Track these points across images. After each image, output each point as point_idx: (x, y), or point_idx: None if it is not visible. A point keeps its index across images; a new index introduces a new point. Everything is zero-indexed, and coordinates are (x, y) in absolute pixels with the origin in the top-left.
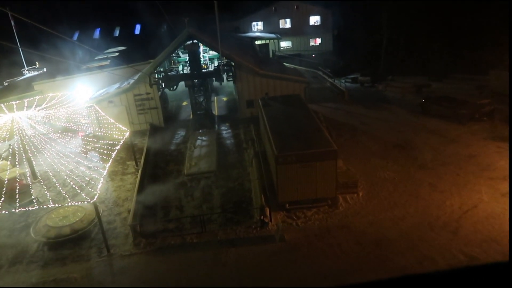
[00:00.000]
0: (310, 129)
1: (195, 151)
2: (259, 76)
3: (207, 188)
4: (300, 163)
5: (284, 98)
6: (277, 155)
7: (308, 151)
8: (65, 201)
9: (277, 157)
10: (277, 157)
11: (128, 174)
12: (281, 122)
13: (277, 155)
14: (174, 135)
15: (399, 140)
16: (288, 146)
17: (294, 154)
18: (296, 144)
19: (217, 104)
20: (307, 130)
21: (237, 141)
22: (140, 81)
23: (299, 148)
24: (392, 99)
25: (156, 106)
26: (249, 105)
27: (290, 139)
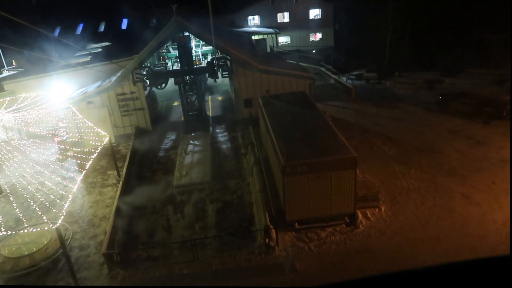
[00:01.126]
0: (321, 132)
1: (186, 158)
2: (258, 72)
3: (200, 202)
4: (312, 174)
5: (288, 96)
6: (284, 165)
7: (321, 159)
8: (21, 226)
9: (284, 167)
10: (284, 167)
11: (109, 186)
12: (287, 124)
13: (284, 165)
14: (163, 140)
15: (419, 142)
16: (297, 153)
17: (305, 163)
18: (307, 150)
19: (212, 104)
20: (318, 134)
21: (234, 146)
22: (122, 79)
23: (311, 156)
24: (403, 96)
25: (142, 107)
26: (248, 105)
27: (298, 145)
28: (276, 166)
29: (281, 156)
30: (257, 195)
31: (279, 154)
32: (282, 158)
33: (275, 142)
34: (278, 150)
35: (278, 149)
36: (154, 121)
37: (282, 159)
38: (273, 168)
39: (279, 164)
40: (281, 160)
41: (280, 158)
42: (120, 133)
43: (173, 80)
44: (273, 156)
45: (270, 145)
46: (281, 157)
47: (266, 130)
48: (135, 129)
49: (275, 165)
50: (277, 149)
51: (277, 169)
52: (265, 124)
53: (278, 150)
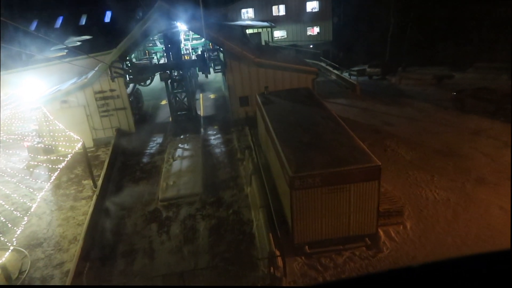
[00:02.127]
0: (334, 135)
1: (173, 165)
2: (255, 66)
3: (189, 219)
4: (327, 187)
5: (290, 93)
6: (293, 177)
7: (338, 170)
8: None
9: (293, 179)
10: (292, 180)
11: (83, 200)
12: (292, 125)
13: (292, 177)
14: (147, 143)
15: (438, 145)
16: (307, 162)
17: (318, 175)
18: (319, 158)
19: (203, 103)
20: (330, 137)
21: (229, 150)
22: (101, 75)
23: (325, 165)
24: (412, 93)
25: (124, 106)
26: (243, 103)
27: (308, 151)
28: (281, 177)
29: (288, 165)
30: (258, 211)
31: (285, 163)
32: (289, 169)
33: (280, 148)
34: (284, 158)
35: (283, 157)
36: (139, 122)
37: (290, 170)
38: (277, 178)
39: (285, 176)
40: (288, 170)
41: (286, 168)
42: (99, 136)
43: (159, 76)
44: (277, 165)
45: (272, 151)
46: (288, 167)
47: (266, 132)
48: (116, 131)
49: (280, 175)
50: (282, 157)
51: (283, 181)
52: (266, 126)
53: (283, 158)
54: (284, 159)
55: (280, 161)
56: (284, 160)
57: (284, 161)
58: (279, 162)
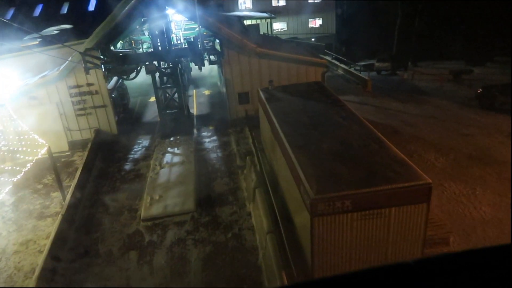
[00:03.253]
0: (362, 140)
1: (161, 174)
2: (257, 57)
3: (178, 245)
4: (360, 212)
5: (299, 89)
6: (315, 199)
7: (376, 189)
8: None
9: (315, 202)
10: (314, 203)
11: (48, 218)
12: (306, 127)
13: (314, 199)
14: (131, 147)
15: (470, 149)
16: (333, 178)
17: (349, 196)
18: (348, 173)
19: (197, 100)
20: (358, 143)
21: (227, 155)
22: (74, 66)
23: (357, 183)
24: (428, 89)
25: (103, 104)
26: (243, 100)
27: (332, 163)
28: (295, 195)
29: (306, 183)
30: (265, 237)
31: (302, 180)
32: (309, 188)
33: (294, 158)
34: (301, 172)
35: (300, 171)
36: (123, 122)
37: (310, 190)
38: (288, 195)
39: (302, 195)
40: (308, 190)
41: (305, 186)
42: (75, 138)
43: (145, 68)
44: (289, 179)
45: (281, 160)
46: (308, 186)
47: (273, 136)
48: (94, 133)
49: (293, 193)
50: (298, 171)
51: (298, 202)
52: (272, 128)
53: (300, 172)
54: (301, 174)
55: (295, 175)
56: (301, 175)
57: (301, 176)
58: (293, 176)
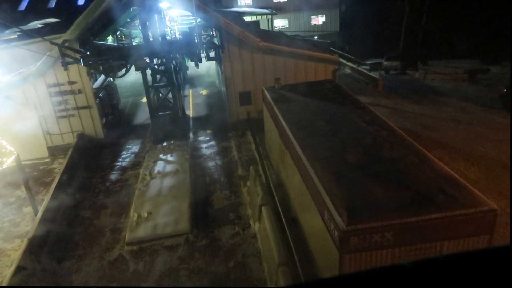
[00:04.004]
0: (396, 151)
1: (151, 186)
2: (260, 53)
3: (169, 277)
4: (405, 247)
5: (310, 88)
6: (345, 232)
7: (426, 218)
8: None
9: (345, 235)
10: (344, 237)
11: (16, 239)
12: (324, 134)
13: (344, 231)
14: (119, 153)
15: (506, 157)
16: (367, 205)
17: (390, 227)
18: (385, 196)
19: (193, 101)
20: (391, 155)
21: (227, 164)
22: (54, 61)
23: (399, 210)
24: (443, 89)
25: (88, 104)
26: (245, 101)
27: (363, 183)
28: (317, 225)
29: (334, 210)
30: (277, 271)
31: (328, 205)
32: (338, 216)
33: (314, 175)
34: (325, 194)
35: (324, 193)
36: (112, 124)
37: (339, 218)
38: (306, 222)
39: (328, 225)
40: (337, 219)
41: (332, 214)
42: (57, 143)
43: (134, 64)
44: (306, 201)
45: (294, 175)
46: (336, 213)
47: (284, 143)
48: (77, 137)
49: (313, 221)
50: (321, 192)
51: (321, 233)
52: (281, 134)
53: (324, 194)
54: (324, 196)
55: (316, 197)
56: (325, 198)
57: (326, 200)
58: (312, 197)
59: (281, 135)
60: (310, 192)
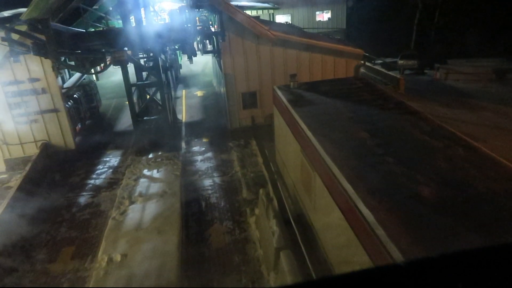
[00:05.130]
0: (498, 185)
1: (129, 215)
2: (268, 44)
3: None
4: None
5: (336, 87)
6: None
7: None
8: None
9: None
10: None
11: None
12: (372, 153)
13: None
14: (93, 168)
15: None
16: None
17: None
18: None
19: (186, 103)
20: (493, 191)
21: (227, 183)
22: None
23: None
24: (471, 91)
25: (54, 108)
26: (249, 103)
27: (456, 235)
28: None
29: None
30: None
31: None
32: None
33: (370, 217)
34: (394, 249)
35: (391, 247)
36: (88, 132)
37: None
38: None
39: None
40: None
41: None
42: (16, 155)
43: (111, 58)
44: (355, 252)
45: (332, 210)
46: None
47: (309, 161)
48: (41, 147)
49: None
50: (386, 246)
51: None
52: (305, 148)
53: (391, 248)
54: (391, 249)
55: (370, 247)
56: (392, 252)
57: (394, 254)
58: (364, 247)
59: (305, 150)
60: (361, 241)
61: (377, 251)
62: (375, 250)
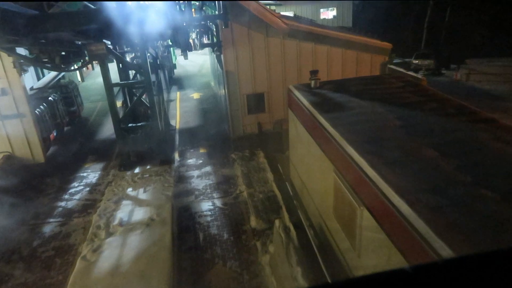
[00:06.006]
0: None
1: (104, 252)
2: (279, 37)
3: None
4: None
5: (370, 87)
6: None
7: None
8: None
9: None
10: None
11: None
12: (450, 180)
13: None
14: (66, 187)
15: None
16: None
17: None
18: None
19: (180, 106)
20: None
21: (231, 207)
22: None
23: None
24: (499, 93)
25: (19, 113)
26: (255, 107)
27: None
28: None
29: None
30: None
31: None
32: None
33: None
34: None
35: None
36: (67, 140)
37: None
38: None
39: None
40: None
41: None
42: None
43: (87, 52)
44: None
45: (391, 255)
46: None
47: (347, 189)
48: (1, 161)
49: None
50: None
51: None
52: (343, 171)
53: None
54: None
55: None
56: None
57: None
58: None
59: (343, 173)
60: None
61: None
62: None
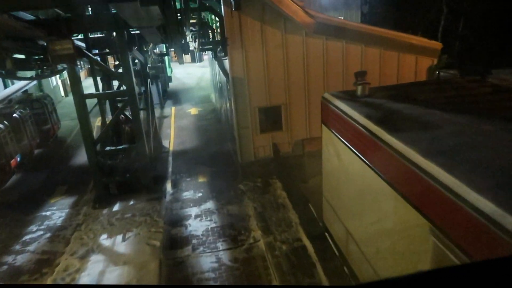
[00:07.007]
0: None
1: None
2: (299, 33)
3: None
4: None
5: (442, 93)
6: None
7: None
8: None
9: None
10: None
11: None
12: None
13: None
14: (21, 231)
15: None
16: None
17: None
18: None
19: (175, 125)
20: None
21: (243, 264)
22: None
23: None
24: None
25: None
26: (269, 124)
27: None
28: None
29: None
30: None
31: None
32: None
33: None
34: None
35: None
36: (35, 165)
37: None
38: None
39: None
40: None
41: None
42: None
43: (49, 54)
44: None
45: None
46: None
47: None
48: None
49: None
50: None
51: None
52: (452, 231)
53: None
54: None
55: None
56: None
57: None
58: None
59: (457, 234)
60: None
61: None
62: None
